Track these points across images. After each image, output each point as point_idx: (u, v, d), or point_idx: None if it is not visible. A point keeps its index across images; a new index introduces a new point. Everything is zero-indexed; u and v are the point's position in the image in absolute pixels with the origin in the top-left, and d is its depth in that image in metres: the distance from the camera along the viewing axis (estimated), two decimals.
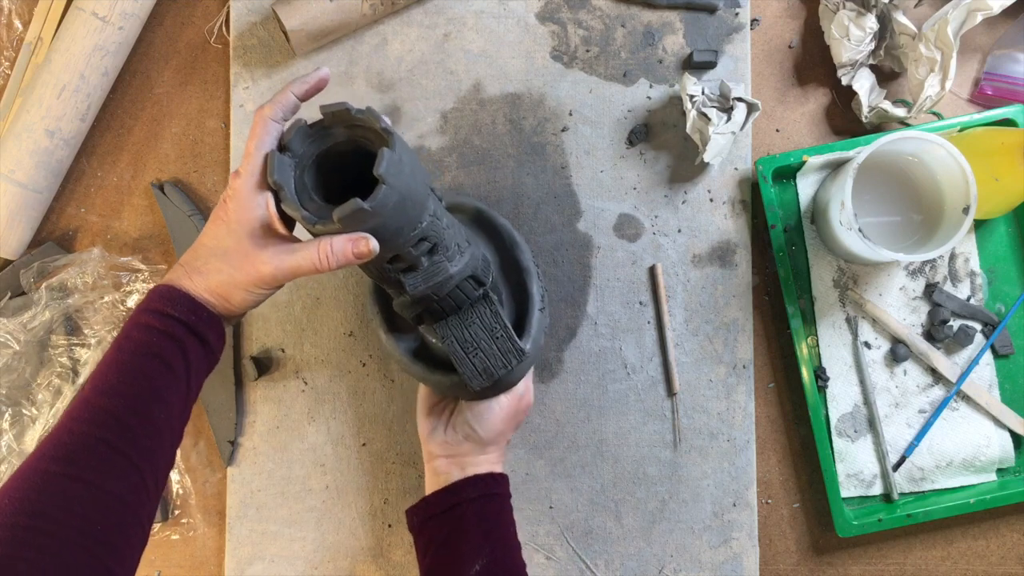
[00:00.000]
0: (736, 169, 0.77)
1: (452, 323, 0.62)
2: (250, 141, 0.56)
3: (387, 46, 0.77)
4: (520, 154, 0.77)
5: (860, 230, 0.66)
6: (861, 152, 0.66)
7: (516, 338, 0.63)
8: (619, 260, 0.76)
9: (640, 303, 0.76)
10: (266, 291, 0.57)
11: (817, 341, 0.75)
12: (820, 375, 0.75)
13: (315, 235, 0.55)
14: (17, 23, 0.77)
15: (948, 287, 0.75)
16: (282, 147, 0.56)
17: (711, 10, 0.77)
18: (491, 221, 0.71)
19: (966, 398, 0.75)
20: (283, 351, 0.76)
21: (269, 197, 0.56)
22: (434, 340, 0.66)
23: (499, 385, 0.65)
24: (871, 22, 0.72)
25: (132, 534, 0.51)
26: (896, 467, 0.74)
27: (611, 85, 0.77)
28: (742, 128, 0.72)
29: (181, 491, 0.76)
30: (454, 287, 0.60)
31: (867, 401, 0.75)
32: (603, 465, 0.76)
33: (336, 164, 0.58)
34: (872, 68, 0.76)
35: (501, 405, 0.67)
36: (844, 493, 0.74)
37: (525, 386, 0.69)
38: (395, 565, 0.76)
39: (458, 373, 0.63)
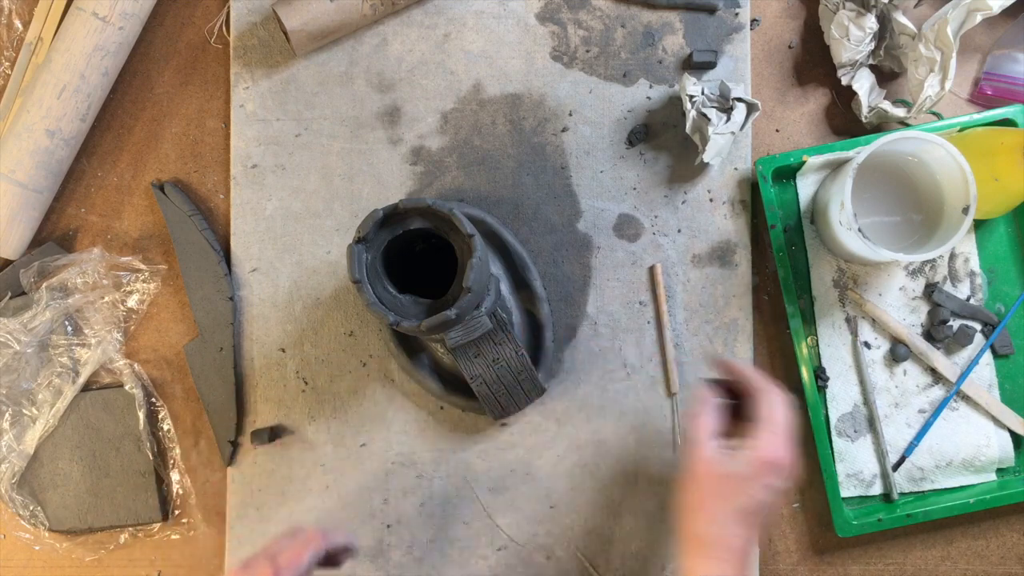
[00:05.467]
0: (736, 169, 0.77)
1: (480, 364, 0.65)
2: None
3: (387, 46, 0.77)
4: (520, 154, 0.77)
5: (860, 230, 0.66)
6: (861, 152, 0.66)
7: (538, 378, 0.68)
8: (619, 260, 0.77)
9: (640, 303, 0.76)
10: None
11: (817, 341, 0.75)
12: (820, 375, 0.75)
13: (398, 331, 0.60)
14: (17, 23, 0.77)
15: (948, 287, 0.75)
16: (359, 239, 0.58)
17: (711, 10, 0.77)
18: (502, 239, 0.73)
19: (966, 398, 0.75)
20: (283, 351, 0.76)
21: None
22: (445, 355, 0.70)
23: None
24: (871, 22, 0.72)
25: None
26: (896, 467, 0.74)
27: (611, 85, 0.77)
28: (742, 128, 0.72)
29: (181, 491, 0.76)
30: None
31: (867, 401, 0.75)
32: (603, 465, 0.76)
33: (402, 243, 0.61)
34: (872, 68, 0.76)
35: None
36: (844, 493, 0.74)
37: (774, 453, 0.57)
38: (395, 565, 0.76)
39: (475, 398, 0.68)
